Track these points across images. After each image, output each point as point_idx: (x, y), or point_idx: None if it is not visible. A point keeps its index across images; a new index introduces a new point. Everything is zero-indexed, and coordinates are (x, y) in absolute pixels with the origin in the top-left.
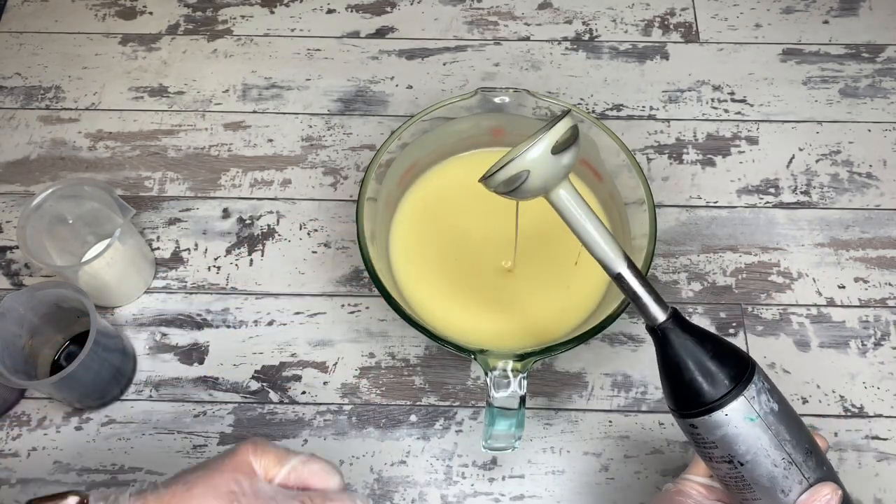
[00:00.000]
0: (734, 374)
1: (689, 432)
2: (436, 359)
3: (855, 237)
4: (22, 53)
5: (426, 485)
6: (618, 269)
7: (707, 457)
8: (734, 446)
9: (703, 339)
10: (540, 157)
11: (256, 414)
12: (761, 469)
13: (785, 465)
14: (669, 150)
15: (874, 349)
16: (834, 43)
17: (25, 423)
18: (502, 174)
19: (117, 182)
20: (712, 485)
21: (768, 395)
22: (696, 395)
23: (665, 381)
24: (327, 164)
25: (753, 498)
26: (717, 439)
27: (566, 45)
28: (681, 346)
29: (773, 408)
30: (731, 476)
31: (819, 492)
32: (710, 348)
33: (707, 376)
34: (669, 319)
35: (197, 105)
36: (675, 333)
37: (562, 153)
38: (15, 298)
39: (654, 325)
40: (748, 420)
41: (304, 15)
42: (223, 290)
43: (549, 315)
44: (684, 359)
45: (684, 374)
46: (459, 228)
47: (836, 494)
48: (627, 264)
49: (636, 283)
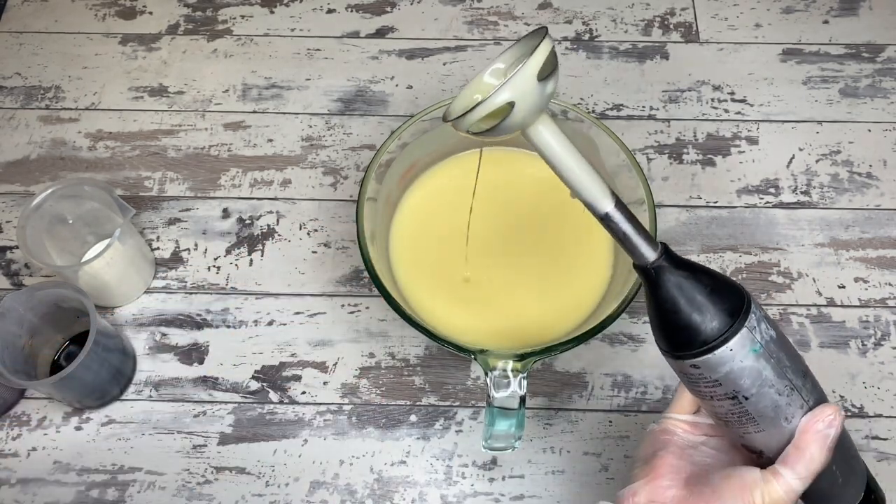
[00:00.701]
0: (733, 306)
1: (686, 374)
2: (436, 359)
3: (855, 237)
4: (22, 53)
5: (426, 485)
6: (605, 209)
7: (707, 396)
8: (739, 381)
9: (698, 273)
10: (527, 85)
11: (256, 414)
12: (766, 400)
13: (788, 392)
14: (669, 150)
15: (874, 349)
16: (834, 43)
17: (25, 423)
18: (484, 108)
19: (117, 182)
20: (696, 421)
21: (766, 322)
22: (698, 334)
23: (659, 324)
24: (327, 164)
25: (756, 430)
26: (720, 377)
27: (566, 45)
28: (677, 284)
29: (772, 335)
30: (732, 412)
31: (822, 412)
32: (707, 283)
33: (707, 313)
34: (662, 257)
35: (197, 105)
36: (669, 272)
37: (546, 80)
38: (15, 298)
39: (647, 265)
40: (752, 352)
41: (304, 15)
42: (223, 290)
43: (549, 315)
44: (682, 297)
45: (683, 314)
46: (459, 228)
47: (838, 415)
48: (615, 202)
49: (625, 222)
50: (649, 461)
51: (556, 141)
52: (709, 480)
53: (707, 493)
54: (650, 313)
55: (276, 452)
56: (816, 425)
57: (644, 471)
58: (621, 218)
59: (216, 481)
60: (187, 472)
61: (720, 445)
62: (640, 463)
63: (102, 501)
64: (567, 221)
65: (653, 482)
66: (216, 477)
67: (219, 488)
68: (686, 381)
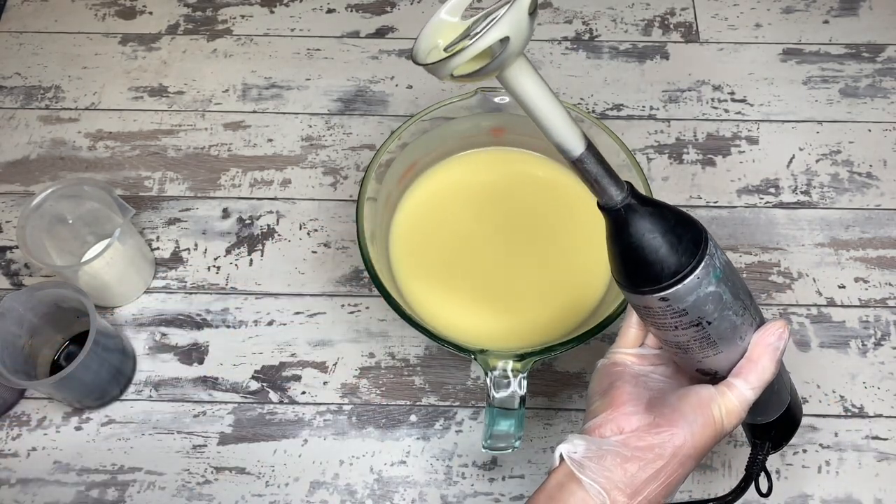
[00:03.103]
0: (695, 236)
1: (652, 308)
2: (436, 359)
3: (855, 237)
4: (22, 53)
5: (426, 485)
6: (578, 153)
7: (671, 327)
8: (705, 307)
9: (662, 209)
10: (521, 19)
11: (256, 414)
12: (726, 322)
13: (742, 312)
14: (669, 149)
15: (874, 349)
16: (834, 43)
17: (25, 423)
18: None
19: (117, 182)
20: (642, 353)
21: (718, 249)
22: (669, 266)
23: (627, 263)
24: (327, 164)
25: (715, 353)
26: (688, 305)
27: (566, 44)
28: (645, 221)
29: (725, 260)
30: (695, 339)
31: (773, 326)
32: (670, 216)
33: (675, 245)
34: (628, 196)
35: (197, 105)
36: (636, 210)
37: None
38: (15, 298)
39: (616, 205)
40: (715, 278)
41: (304, 15)
42: (223, 290)
43: (549, 315)
44: (652, 233)
45: (654, 248)
46: (459, 228)
47: (786, 329)
48: (586, 145)
49: (596, 164)
50: (607, 393)
51: (533, 82)
52: (667, 402)
53: (668, 412)
54: (613, 253)
55: (276, 452)
56: (768, 338)
57: (604, 403)
58: (593, 161)
59: (216, 481)
60: (187, 472)
61: (668, 372)
62: (597, 397)
63: (102, 501)
64: (567, 221)
65: (616, 410)
66: (216, 477)
67: (219, 488)
68: (647, 315)
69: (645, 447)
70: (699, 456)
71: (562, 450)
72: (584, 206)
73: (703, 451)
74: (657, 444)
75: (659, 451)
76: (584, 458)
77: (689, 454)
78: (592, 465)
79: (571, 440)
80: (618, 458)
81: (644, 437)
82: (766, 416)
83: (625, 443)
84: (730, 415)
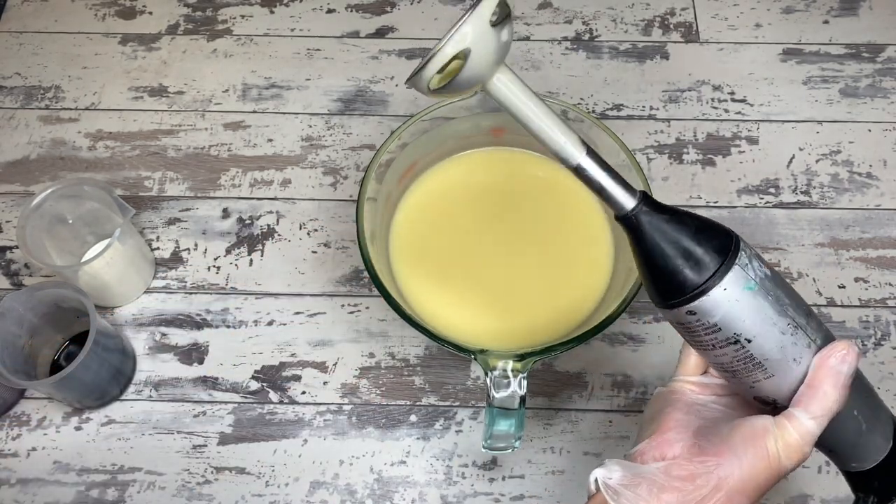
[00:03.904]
0: (721, 246)
1: (685, 325)
2: (436, 359)
3: (855, 237)
4: (22, 53)
5: (426, 485)
6: (577, 160)
7: (709, 346)
8: (738, 322)
9: (680, 216)
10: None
11: (256, 414)
12: (770, 340)
13: (791, 331)
14: (669, 149)
15: (874, 349)
16: (834, 43)
17: (25, 423)
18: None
19: (117, 182)
20: (704, 382)
21: (759, 261)
22: (689, 278)
23: (648, 274)
24: (327, 164)
25: (765, 376)
26: (718, 320)
27: (566, 44)
28: (660, 229)
29: (766, 273)
30: (738, 359)
31: (834, 348)
32: (691, 224)
33: (695, 254)
34: (640, 204)
35: (197, 105)
36: (650, 217)
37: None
38: (15, 298)
39: (627, 214)
40: (747, 290)
41: (304, 15)
42: (223, 290)
43: (549, 315)
44: (668, 241)
45: (671, 258)
46: (459, 228)
47: (851, 350)
48: (587, 151)
49: (599, 171)
50: (655, 418)
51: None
52: (717, 431)
53: (716, 443)
54: (639, 267)
55: (275, 452)
56: (829, 361)
57: (650, 429)
58: (595, 167)
59: (216, 481)
60: (187, 472)
61: (730, 403)
62: (646, 423)
63: (102, 501)
64: (567, 221)
65: (659, 437)
66: (216, 477)
67: (219, 488)
68: (686, 334)
69: (686, 476)
70: (753, 494)
71: (597, 474)
72: (584, 207)
73: (758, 489)
74: (699, 475)
75: (701, 482)
76: (619, 486)
77: (738, 489)
78: (628, 493)
79: (608, 465)
80: (654, 486)
81: (685, 465)
82: (860, 463)
83: (665, 471)
84: (788, 449)
